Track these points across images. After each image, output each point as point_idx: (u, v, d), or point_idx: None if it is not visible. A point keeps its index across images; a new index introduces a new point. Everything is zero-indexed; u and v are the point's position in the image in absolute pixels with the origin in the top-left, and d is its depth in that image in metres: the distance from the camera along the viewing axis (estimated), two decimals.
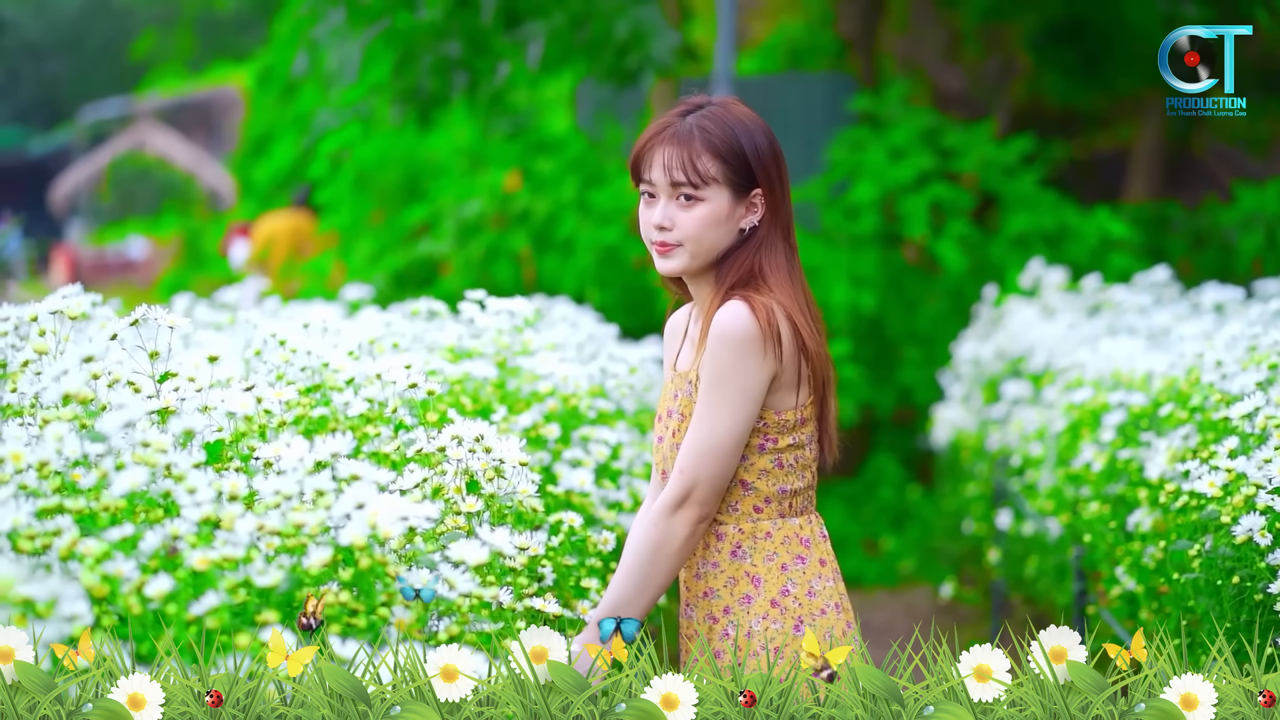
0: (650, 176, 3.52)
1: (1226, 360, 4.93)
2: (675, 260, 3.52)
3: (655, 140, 3.53)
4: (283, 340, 4.05)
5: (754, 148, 3.52)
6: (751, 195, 3.53)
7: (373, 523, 2.83)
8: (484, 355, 5.06)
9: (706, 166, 3.47)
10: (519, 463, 3.56)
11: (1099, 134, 15.68)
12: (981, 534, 8.62)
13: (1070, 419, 6.41)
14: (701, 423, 3.44)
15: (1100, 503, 5.56)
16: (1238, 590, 3.91)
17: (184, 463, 2.91)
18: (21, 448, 2.86)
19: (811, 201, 12.05)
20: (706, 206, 3.48)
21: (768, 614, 3.47)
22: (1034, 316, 8.93)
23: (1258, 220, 11.51)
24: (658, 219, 3.50)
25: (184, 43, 35.05)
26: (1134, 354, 6.33)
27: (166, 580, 2.69)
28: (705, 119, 3.52)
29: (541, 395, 4.96)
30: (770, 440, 3.49)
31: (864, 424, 11.69)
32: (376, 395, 3.83)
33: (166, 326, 3.50)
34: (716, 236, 3.50)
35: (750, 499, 3.51)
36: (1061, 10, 13.26)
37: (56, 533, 2.73)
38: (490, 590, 3.08)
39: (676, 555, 3.45)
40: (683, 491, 3.44)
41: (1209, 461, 4.13)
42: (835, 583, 3.56)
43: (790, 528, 3.53)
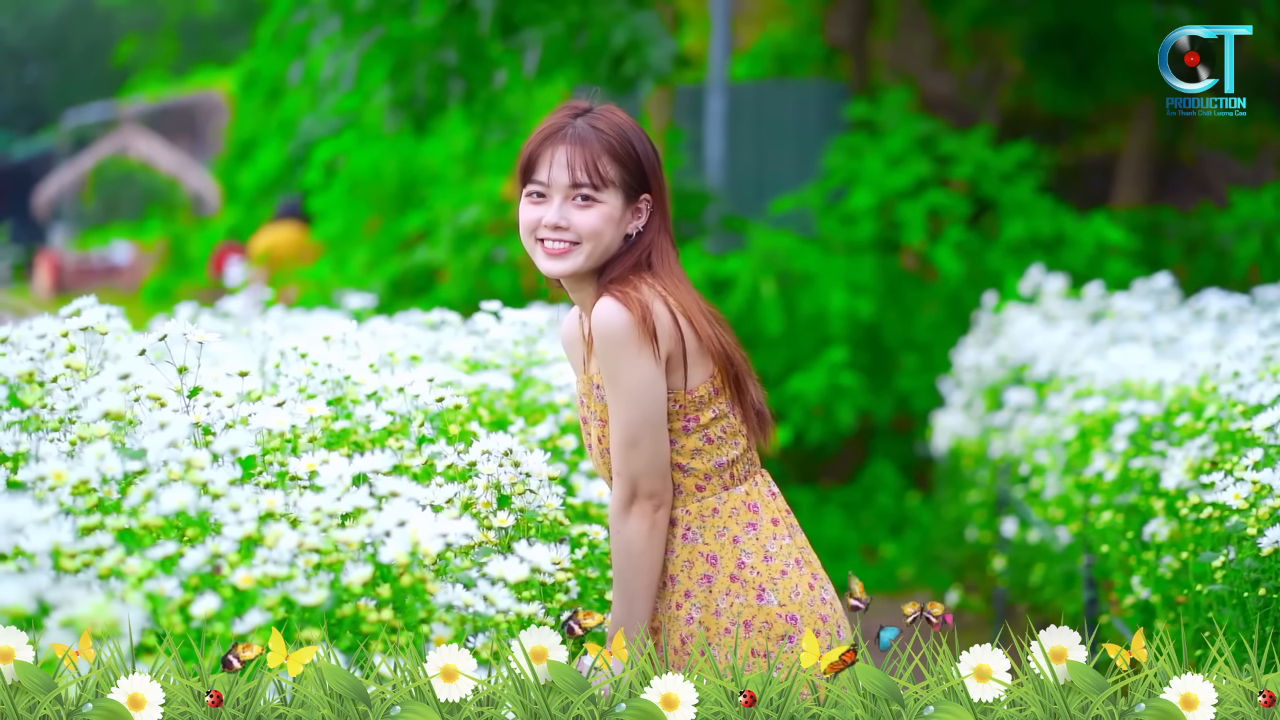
0: (545, 176, 3.51)
1: (1243, 371, 4.93)
2: (569, 261, 3.50)
3: (551, 140, 3.53)
4: (304, 353, 4.04)
5: (645, 153, 3.56)
6: (639, 200, 3.56)
7: (415, 540, 2.82)
8: (500, 367, 5.04)
9: (606, 168, 3.49)
10: (548, 477, 3.57)
11: (1086, 140, 15.71)
12: (985, 541, 8.61)
13: (1080, 427, 6.41)
14: (615, 421, 3.45)
15: (1113, 512, 5.56)
16: (1264, 602, 3.90)
17: (221, 480, 2.89)
18: (63, 466, 2.84)
19: (808, 208, 12.06)
20: (605, 208, 3.49)
21: (729, 589, 3.47)
22: (1035, 324, 8.93)
23: (1254, 226, 11.53)
24: (553, 218, 3.49)
25: (166, 47, 35.06)
26: (1144, 363, 6.33)
27: (213, 599, 2.68)
28: (598, 121, 3.53)
29: (556, 406, 4.95)
30: (692, 419, 3.50)
31: (862, 431, 11.69)
32: (399, 408, 3.82)
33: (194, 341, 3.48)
34: (609, 239, 3.51)
35: (690, 479, 3.52)
36: (1053, 16, 13.28)
37: (98, 551, 2.72)
38: (530, 607, 3.08)
39: (648, 552, 3.46)
40: (627, 491, 3.46)
41: (1233, 473, 4.13)
42: (792, 538, 3.57)
43: (735, 498, 3.54)
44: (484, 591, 3.00)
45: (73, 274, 29.66)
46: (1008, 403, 8.31)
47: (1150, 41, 12.40)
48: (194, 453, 2.92)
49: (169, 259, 25.61)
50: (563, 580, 3.43)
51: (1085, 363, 7.06)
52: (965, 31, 15.08)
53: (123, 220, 31.30)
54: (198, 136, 31.64)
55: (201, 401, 3.42)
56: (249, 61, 22.75)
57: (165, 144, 31.40)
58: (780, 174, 13.00)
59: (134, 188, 31.69)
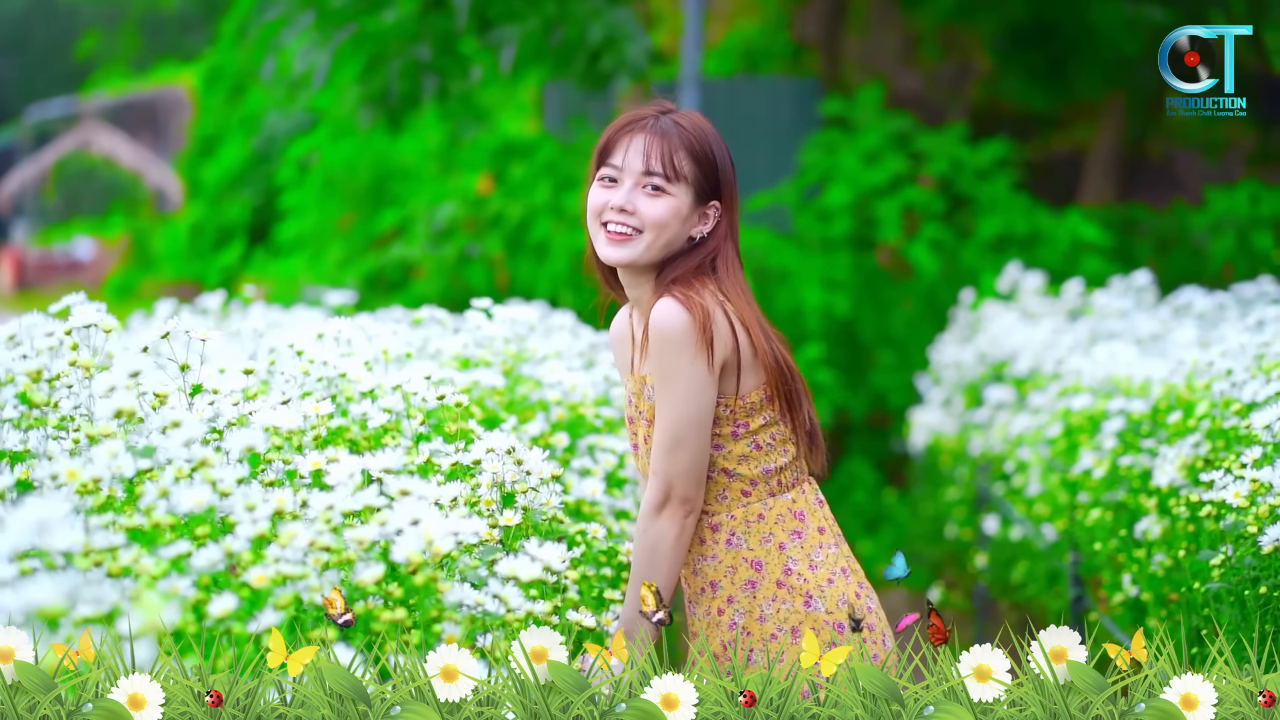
0: (619, 160, 3.53)
1: (1236, 368, 4.94)
2: (629, 249, 3.52)
3: (631, 128, 3.55)
4: (300, 351, 4.01)
5: (722, 161, 3.57)
6: (707, 206, 3.56)
7: (428, 538, 2.80)
8: (490, 364, 5.02)
9: (682, 163, 3.50)
10: (552, 475, 3.55)
11: (1054, 137, 15.78)
12: (965, 538, 8.62)
13: (1066, 424, 6.42)
14: (661, 421, 3.46)
15: (1102, 509, 5.56)
16: (1264, 600, 3.91)
17: (229, 478, 2.87)
18: (75, 464, 2.82)
19: (783, 205, 12.07)
20: (673, 201, 3.50)
21: (776, 595, 3.48)
22: (1015, 321, 8.95)
23: (1228, 223, 11.58)
24: (619, 201, 3.51)
25: (128, 43, 34.88)
26: (1131, 361, 6.34)
27: (231, 598, 2.66)
28: (682, 119, 3.56)
29: (547, 404, 4.93)
30: (742, 425, 3.50)
31: (837, 428, 11.70)
32: (394, 406, 3.79)
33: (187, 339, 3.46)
34: (673, 233, 3.52)
35: (737, 484, 3.52)
36: (1025, 13, 13.32)
37: (112, 551, 2.69)
38: (543, 605, 3.06)
39: (671, 554, 3.47)
40: (662, 492, 3.46)
41: (1232, 471, 4.13)
42: (838, 547, 3.58)
43: (782, 504, 3.54)
44: (495, 590, 2.98)
45: (35, 270, 29.52)
46: (988, 400, 8.33)
47: (1122, 39, 12.46)
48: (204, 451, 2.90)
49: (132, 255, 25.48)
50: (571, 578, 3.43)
51: (1071, 360, 7.07)
52: (935, 28, 15.12)
53: (85, 216, 31.16)
54: (160, 132, 31.49)
55: (204, 400, 3.40)
56: (212, 57, 22.68)
57: (127, 139, 31.26)
58: (754, 170, 13.00)
59: (96, 183, 31.54)
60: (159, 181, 29.27)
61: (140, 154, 30.67)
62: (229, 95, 21.42)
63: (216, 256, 18.08)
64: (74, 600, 2.44)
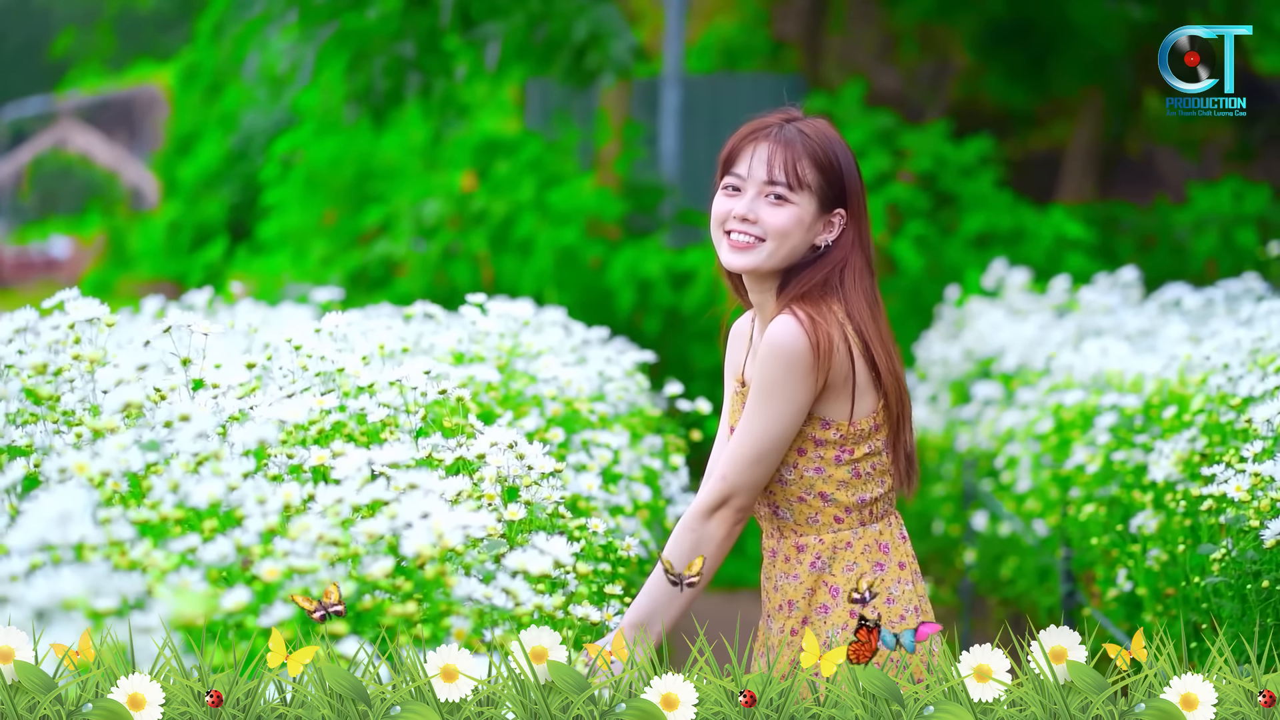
0: (744, 170, 3.50)
1: (1232, 364, 4.94)
2: (751, 256, 3.49)
3: (755, 136, 3.52)
4: (298, 345, 3.99)
5: (848, 169, 3.53)
6: (832, 214, 3.52)
7: (439, 532, 2.79)
8: (485, 360, 5.01)
9: (805, 172, 3.47)
10: (554, 470, 3.54)
11: (1032, 134, 15.82)
12: (952, 535, 8.62)
13: (1057, 420, 6.42)
14: (747, 430, 3.44)
15: (1095, 505, 5.57)
16: (1265, 594, 3.91)
17: (236, 472, 2.86)
18: (84, 458, 2.80)
19: None
20: (796, 210, 3.47)
21: (846, 624, 3.46)
22: (1001, 317, 8.96)
23: (1211, 220, 11.61)
24: (742, 210, 3.48)
25: (104, 41, 34.79)
26: (1123, 356, 6.35)
27: (244, 592, 2.65)
28: (807, 127, 3.53)
29: (541, 400, 4.93)
30: (846, 451, 3.48)
31: None
32: (393, 401, 3.78)
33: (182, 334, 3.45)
34: (796, 242, 3.49)
35: (831, 510, 3.50)
36: (1004, 12, 13.35)
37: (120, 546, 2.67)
38: (553, 600, 3.06)
39: (714, 555, 3.46)
40: (721, 497, 3.45)
41: (1233, 465, 4.13)
42: (915, 585, 3.56)
43: (870, 535, 3.52)
44: (504, 584, 2.97)
45: (11, 268, 29.39)
46: (975, 396, 8.33)
47: (1102, 37, 12.50)
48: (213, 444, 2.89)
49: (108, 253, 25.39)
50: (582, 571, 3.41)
51: (1062, 356, 7.07)
52: (913, 26, 15.15)
53: (61, 214, 31.03)
54: (136, 130, 31.39)
55: (206, 394, 3.39)
56: (188, 55, 22.62)
57: (103, 138, 31.15)
58: None
59: (72, 182, 31.42)
60: (135, 180, 29.18)
61: (116, 152, 30.57)
62: (206, 93, 21.37)
63: (197, 254, 18.00)
64: (96, 592, 2.42)
